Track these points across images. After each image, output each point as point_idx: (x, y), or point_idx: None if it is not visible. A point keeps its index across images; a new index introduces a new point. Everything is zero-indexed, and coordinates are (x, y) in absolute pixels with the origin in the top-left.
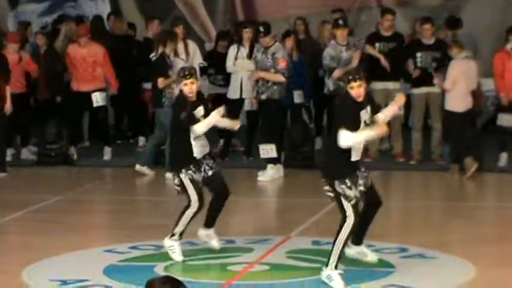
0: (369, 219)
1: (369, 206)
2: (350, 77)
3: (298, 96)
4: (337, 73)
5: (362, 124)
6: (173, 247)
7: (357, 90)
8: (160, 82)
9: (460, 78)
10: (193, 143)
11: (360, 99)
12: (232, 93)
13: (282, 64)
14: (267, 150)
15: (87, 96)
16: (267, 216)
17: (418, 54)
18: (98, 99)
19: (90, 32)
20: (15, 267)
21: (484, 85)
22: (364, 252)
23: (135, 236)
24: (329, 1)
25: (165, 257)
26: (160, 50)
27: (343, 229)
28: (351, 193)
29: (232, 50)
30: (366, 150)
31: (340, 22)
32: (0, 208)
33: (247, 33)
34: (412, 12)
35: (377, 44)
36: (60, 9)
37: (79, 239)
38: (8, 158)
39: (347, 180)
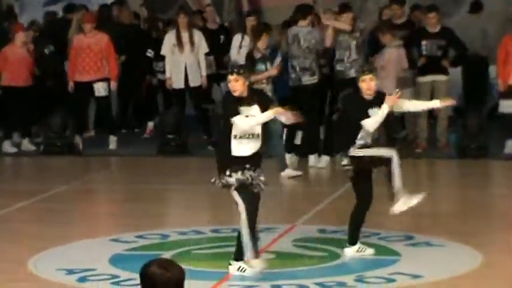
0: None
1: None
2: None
3: None
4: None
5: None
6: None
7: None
8: None
9: (388, 65)
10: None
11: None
12: None
13: None
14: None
15: (90, 86)
16: (272, 205)
17: (423, 42)
18: (99, 89)
19: (96, 21)
20: (22, 256)
21: (490, 72)
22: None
23: (141, 225)
24: None
25: (172, 245)
26: (253, 43)
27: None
28: (231, 180)
29: (237, 39)
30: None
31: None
32: (7, 197)
33: (250, 22)
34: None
35: None
36: None
37: (85, 228)
38: (15, 149)
39: (227, 171)
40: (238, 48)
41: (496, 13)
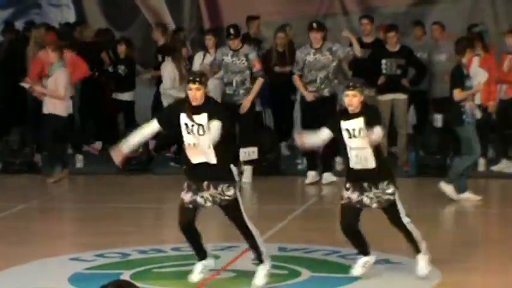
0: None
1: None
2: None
3: (257, 103)
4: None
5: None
6: None
7: None
8: (457, 94)
9: None
10: None
11: None
12: None
13: (258, 65)
14: (249, 152)
15: None
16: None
17: (383, 61)
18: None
19: (58, 39)
20: None
21: None
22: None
23: (101, 243)
24: (296, 7)
25: (131, 264)
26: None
27: None
28: (184, 196)
29: (198, 57)
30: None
31: (314, 25)
32: None
33: (210, 40)
34: (377, 20)
35: None
36: (25, 15)
37: (45, 247)
38: None
39: (185, 183)
40: (200, 66)
41: (456, 33)
